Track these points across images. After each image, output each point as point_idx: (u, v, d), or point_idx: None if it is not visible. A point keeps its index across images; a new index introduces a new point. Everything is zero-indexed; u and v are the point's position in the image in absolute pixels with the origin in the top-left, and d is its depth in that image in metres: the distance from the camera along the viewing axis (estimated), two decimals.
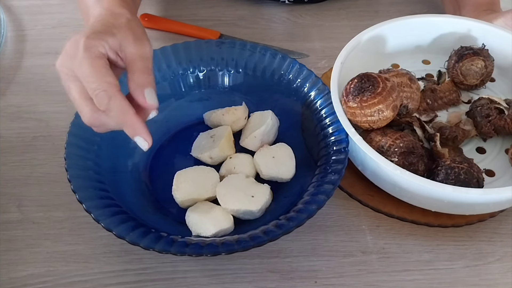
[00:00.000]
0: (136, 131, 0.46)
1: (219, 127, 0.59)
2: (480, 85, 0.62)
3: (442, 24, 0.64)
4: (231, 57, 0.63)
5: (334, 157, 0.53)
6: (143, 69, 0.48)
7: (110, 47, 0.47)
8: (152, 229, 0.48)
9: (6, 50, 0.73)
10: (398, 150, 0.51)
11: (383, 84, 0.51)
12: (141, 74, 0.47)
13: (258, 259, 0.52)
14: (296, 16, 0.79)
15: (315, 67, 0.69)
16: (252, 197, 0.52)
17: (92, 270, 0.51)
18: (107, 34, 0.47)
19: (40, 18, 0.77)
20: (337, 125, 0.54)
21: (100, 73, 0.45)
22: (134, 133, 0.46)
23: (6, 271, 0.51)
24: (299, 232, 0.53)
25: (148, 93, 0.47)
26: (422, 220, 0.53)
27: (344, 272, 0.52)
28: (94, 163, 0.53)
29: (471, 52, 0.60)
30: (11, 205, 0.56)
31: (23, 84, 0.69)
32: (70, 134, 0.53)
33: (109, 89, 0.45)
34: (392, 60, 0.66)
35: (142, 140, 0.47)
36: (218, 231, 0.50)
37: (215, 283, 0.51)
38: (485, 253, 0.53)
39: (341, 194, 0.56)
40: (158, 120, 0.61)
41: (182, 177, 0.54)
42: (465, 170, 0.50)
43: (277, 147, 0.57)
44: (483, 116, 0.57)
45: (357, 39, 0.60)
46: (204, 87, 0.63)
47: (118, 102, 0.45)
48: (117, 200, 0.51)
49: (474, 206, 0.50)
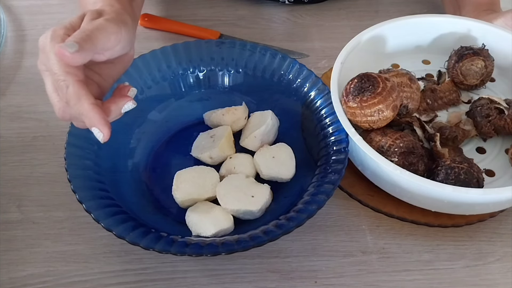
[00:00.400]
0: (92, 121, 0.45)
1: (219, 127, 0.59)
2: (480, 85, 0.62)
3: (442, 24, 0.64)
4: (231, 57, 0.63)
5: (334, 157, 0.53)
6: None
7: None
8: (152, 229, 0.48)
9: (6, 50, 0.73)
10: (398, 150, 0.51)
11: (383, 84, 0.51)
12: None
13: (258, 259, 0.52)
14: (296, 16, 0.79)
15: (315, 67, 0.69)
16: (252, 197, 0.52)
17: (92, 270, 0.51)
18: (77, 23, 0.47)
19: (40, 18, 0.77)
20: (337, 125, 0.54)
21: (60, 62, 0.45)
22: (90, 123, 0.45)
23: (6, 271, 0.51)
24: (299, 232, 0.53)
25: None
26: (422, 220, 0.53)
27: (344, 272, 0.52)
28: (94, 163, 0.53)
29: (471, 52, 0.60)
30: (11, 205, 0.56)
31: (23, 84, 0.69)
32: (70, 134, 0.53)
33: (68, 78, 0.44)
34: (392, 60, 0.66)
35: (97, 131, 0.45)
36: (218, 231, 0.50)
37: (215, 283, 0.51)
38: (485, 253, 0.53)
39: (341, 194, 0.56)
40: (158, 120, 0.61)
41: (182, 177, 0.54)
42: (465, 170, 0.50)
43: (277, 147, 0.57)
44: (483, 116, 0.57)
45: (357, 39, 0.60)
46: (204, 87, 0.63)
47: (74, 90, 0.44)
48: (117, 200, 0.51)
49: (474, 206, 0.51)
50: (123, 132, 0.58)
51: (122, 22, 0.50)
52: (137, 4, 0.65)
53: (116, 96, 0.48)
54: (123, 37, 0.50)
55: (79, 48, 0.44)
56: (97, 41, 0.46)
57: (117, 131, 0.56)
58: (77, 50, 0.44)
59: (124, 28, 0.50)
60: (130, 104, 0.48)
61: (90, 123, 0.45)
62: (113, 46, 0.49)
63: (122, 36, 0.49)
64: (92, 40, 0.46)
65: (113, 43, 0.48)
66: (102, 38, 0.47)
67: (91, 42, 0.46)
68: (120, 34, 0.49)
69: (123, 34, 0.49)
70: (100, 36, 0.47)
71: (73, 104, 0.44)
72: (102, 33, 0.47)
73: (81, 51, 0.44)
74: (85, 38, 0.45)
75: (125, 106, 0.47)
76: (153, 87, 0.61)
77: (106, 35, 0.47)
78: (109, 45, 0.48)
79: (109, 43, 0.48)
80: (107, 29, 0.48)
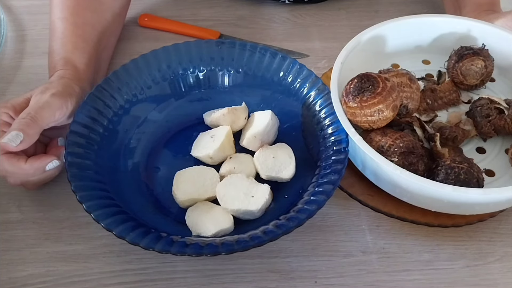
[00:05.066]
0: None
1: (219, 127, 0.59)
2: (480, 85, 0.62)
3: (442, 24, 0.64)
4: (231, 57, 0.63)
5: (334, 157, 0.53)
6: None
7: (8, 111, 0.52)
8: (152, 229, 0.48)
9: (6, 50, 0.73)
10: (398, 150, 0.51)
11: (383, 84, 0.51)
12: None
13: (258, 259, 0.52)
14: (296, 16, 0.79)
15: (315, 67, 0.69)
16: (252, 197, 0.52)
17: (92, 270, 0.51)
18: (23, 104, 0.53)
19: (40, 18, 0.77)
20: (337, 125, 0.54)
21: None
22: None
23: (6, 271, 0.51)
24: (299, 232, 0.53)
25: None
26: (422, 220, 0.53)
27: (344, 272, 0.52)
28: (94, 163, 0.53)
29: (471, 52, 0.60)
30: (11, 205, 0.56)
31: (23, 84, 0.69)
32: (70, 134, 0.53)
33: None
34: (392, 60, 0.66)
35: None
36: (218, 231, 0.50)
37: (215, 283, 0.51)
38: (485, 253, 0.53)
39: (341, 194, 0.56)
40: (158, 120, 0.61)
41: (182, 177, 0.54)
42: (465, 170, 0.50)
43: (277, 147, 0.57)
44: (483, 116, 0.57)
45: (357, 39, 0.60)
46: (204, 87, 0.63)
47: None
48: (117, 200, 0.51)
49: (474, 206, 0.50)
50: (123, 132, 0.58)
51: (68, 95, 0.54)
52: (107, 43, 0.67)
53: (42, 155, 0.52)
54: (69, 109, 0.54)
55: (24, 136, 0.49)
56: (42, 121, 0.51)
57: (117, 131, 0.57)
58: (22, 140, 0.49)
59: (70, 100, 0.54)
60: (56, 161, 0.52)
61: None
62: (58, 119, 0.53)
63: (68, 109, 0.54)
64: (37, 121, 0.50)
65: (57, 117, 0.53)
66: (47, 116, 0.51)
67: (36, 125, 0.50)
68: (66, 107, 0.53)
69: (68, 107, 0.54)
70: (46, 114, 0.51)
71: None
72: (47, 111, 0.51)
73: (26, 138, 0.49)
74: (29, 123, 0.50)
75: (49, 165, 0.52)
76: (153, 87, 0.61)
77: (51, 112, 0.52)
78: (54, 120, 0.52)
79: (54, 118, 0.52)
80: (52, 106, 0.52)
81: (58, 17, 0.62)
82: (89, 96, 0.56)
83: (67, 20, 0.62)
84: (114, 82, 0.59)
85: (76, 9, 0.63)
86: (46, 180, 0.55)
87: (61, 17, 0.62)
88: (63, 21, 0.62)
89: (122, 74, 0.59)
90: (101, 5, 0.66)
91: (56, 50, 0.60)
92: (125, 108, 0.59)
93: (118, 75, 0.59)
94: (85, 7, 0.63)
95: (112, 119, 0.57)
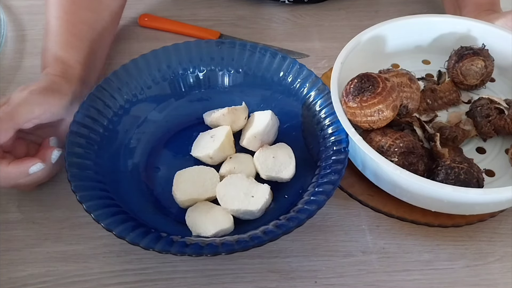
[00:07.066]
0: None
1: (219, 127, 0.59)
2: (480, 85, 0.62)
3: (442, 24, 0.64)
4: (231, 57, 0.63)
5: (334, 157, 0.53)
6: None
7: None
8: (152, 229, 0.48)
9: (6, 50, 0.73)
10: (398, 150, 0.51)
11: (383, 84, 0.51)
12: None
13: (258, 259, 0.52)
14: (296, 16, 0.79)
15: (315, 67, 0.69)
16: (252, 197, 0.52)
17: (92, 270, 0.51)
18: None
19: (40, 18, 0.77)
20: (337, 125, 0.54)
21: None
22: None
23: (6, 271, 0.51)
24: (299, 232, 0.53)
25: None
26: (422, 220, 0.53)
27: (344, 272, 0.52)
28: (94, 163, 0.53)
29: (471, 52, 0.60)
30: (11, 205, 0.56)
31: (23, 84, 0.67)
32: (70, 134, 0.53)
33: None
34: (392, 60, 0.66)
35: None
36: (218, 231, 0.50)
37: (215, 283, 0.51)
38: (485, 253, 0.53)
39: (341, 194, 0.56)
40: (158, 120, 0.61)
41: (182, 177, 0.54)
42: (465, 170, 0.50)
43: (277, 147, 0.57)
44: (483, 116, 0.57)
45: (357, 39, 0.60)
46: (204, 87, 0.63)
47: None
48: (117, 200, 0.51)
49: (474, 206, 0.50)
50: (123, 132, 0.58)
51: (52, 91, 0.53)
52: (101, 49, 0.67)
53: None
54: (54, 105, 0.53)
55: None
56: (19, 117, 0.50)
57: (117, 131, 0.57)
58: None
59: (53, 97, 0.53)
60: (56, 152, 0.52)
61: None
62: (39, 116, 0.52)
63: (52, 105, 0.53)
64: (12, 117, 0.49)
65: (37, 113, 0.52)
66: (24, 112, 0.50)
67: (11, 120, 0.49)
68: (48, 103, 0.53)
69: (52, 103, 0.53)
70: (23, 110, 0.50)
71: None
72: (24, 107, 0.51)
73: (1, 132, 0.49)
74: (5, 117, 0.49)
75: (33, 168, 0.51)
76: (153, 87, 0.61)
77: (29, 108, 0.51)
78: (33, 116, 0.52)
79: (33, 115, 0.51)
80: (30, 102, 0.51)
81: (53, 16, 0.62)
82: (89, 96, 0.56)
83: (61, 18, 0.62)
84: (114, 82, 0.59)
85: (72, 8, 0.62)
86: (38, 181, 0.54)
87: (56, 16, 0.62)
88: (57, 20, 0.62)
89: (122, 74, 0.59)
90: (100, 4, 0.66)
91: (48, 48, 0.60)
92: (125, 108, 0.59)
93: (118, 75, 0.59)
94: (83, 6, 0.63)
95: (112, 119, 0.57)
